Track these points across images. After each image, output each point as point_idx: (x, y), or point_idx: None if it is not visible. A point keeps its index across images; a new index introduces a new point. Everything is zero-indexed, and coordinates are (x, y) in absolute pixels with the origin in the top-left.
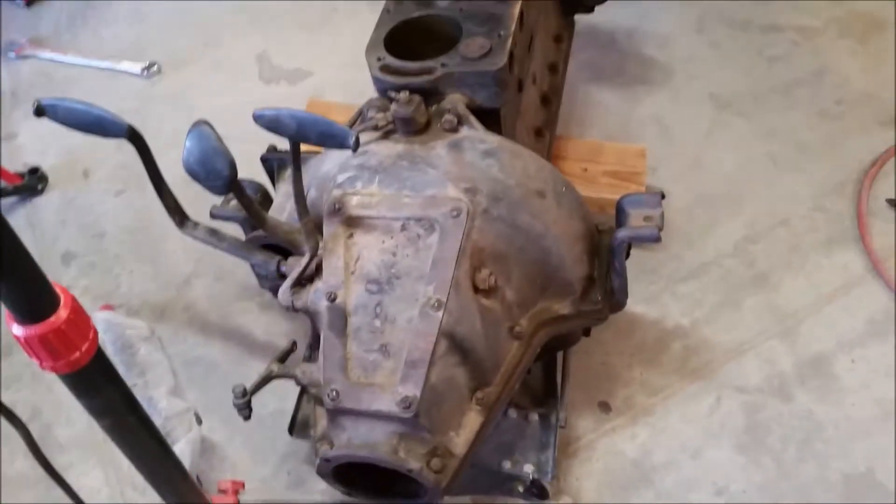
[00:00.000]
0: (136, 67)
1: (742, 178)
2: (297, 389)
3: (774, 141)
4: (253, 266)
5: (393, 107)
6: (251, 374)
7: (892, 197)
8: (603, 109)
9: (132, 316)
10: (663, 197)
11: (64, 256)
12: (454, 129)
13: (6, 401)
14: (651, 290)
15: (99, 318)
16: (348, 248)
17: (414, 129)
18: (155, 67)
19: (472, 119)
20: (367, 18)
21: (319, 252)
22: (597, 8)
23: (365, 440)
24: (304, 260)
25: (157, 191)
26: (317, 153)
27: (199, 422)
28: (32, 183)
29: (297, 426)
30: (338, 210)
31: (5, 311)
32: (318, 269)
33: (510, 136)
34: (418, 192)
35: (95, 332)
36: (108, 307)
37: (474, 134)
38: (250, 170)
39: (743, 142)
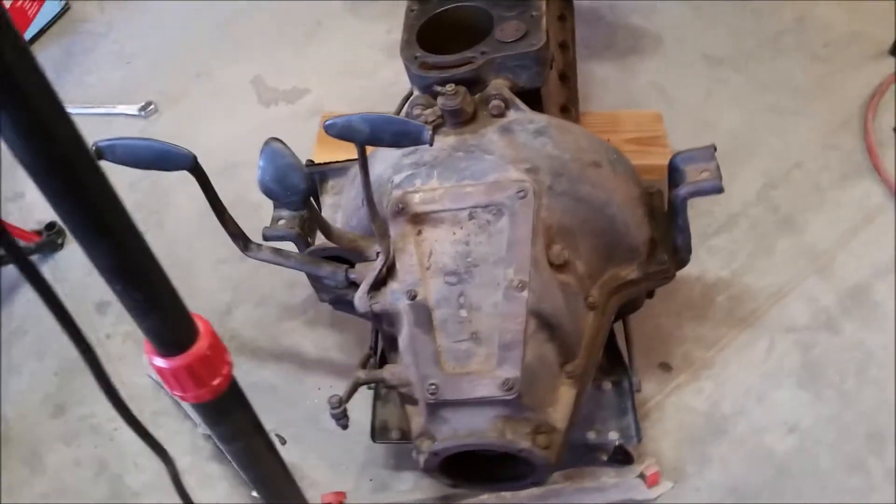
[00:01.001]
0: (132, 108)
1: (749, 131)
2: (362, 398)
3: (773, 91)
4: (313, 280)
5: (440, 100)
6: (310, 390)
7: None
8: (602, 84)
9: None
10: (715, 149)
11: (98, 306)
12: (501, 114)
13: (69, 458)
14: None
15: (148, 361)
16: (419, 245)
17: (463, 119)
18: (152, 106)
19: (518, 101)
20: (352, 26)
21: (390, 254)
22: None
23: (470, 428)
24: (379, 262)
25: (219, 219)
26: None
27: (283, 442)
28: (52, 238)
29: (378, 431)
30: (402, 210)
31: (144, 345)
32: (391, 272)
33: (550, 113)
34: (480, 180)
35: (230, 356)
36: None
37: (522, 116)
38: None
39: (743, 96)
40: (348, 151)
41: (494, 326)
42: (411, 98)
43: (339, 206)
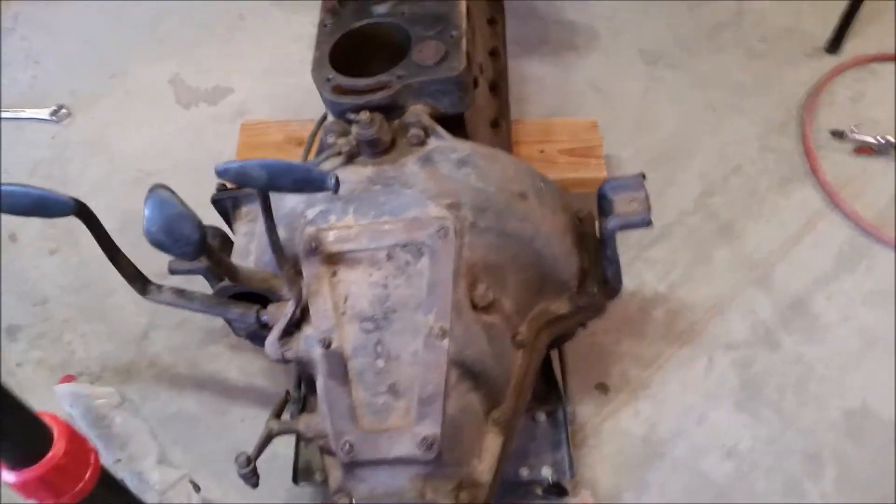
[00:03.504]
0: (42, 113)
1: (686, 131)
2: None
3: (710, 88)
4: (228, 320)
5: (354, 129)
6: (234, 422)
7: (834, 128)
8: (537, 83)
9: (96, 383)
10: (644, 178)
11: (8, 330)
12: (422, 142)
13: None
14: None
15: (63, 393)
16: (334, 288)
17: (380, 149)
18: (64, 110)
19: (439, 129)
20: (277, 19)
21: (303, 296)
22: None
23: (388, 489)
24: (289, 308)
25: (112, 262)
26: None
27: (198, 489)
28: None
29: (301, 473)
30: (315, 249)
31: None
32: (305, 314)
33: (476, 137)
34: (398, 216)
35: (96, 454)
36: (69, 378)
37: (444, 144)
38: (193, 202)
39: (680, 94)
40: None
41: (414, 377)
42: (325, 124)
43: (254, 236)
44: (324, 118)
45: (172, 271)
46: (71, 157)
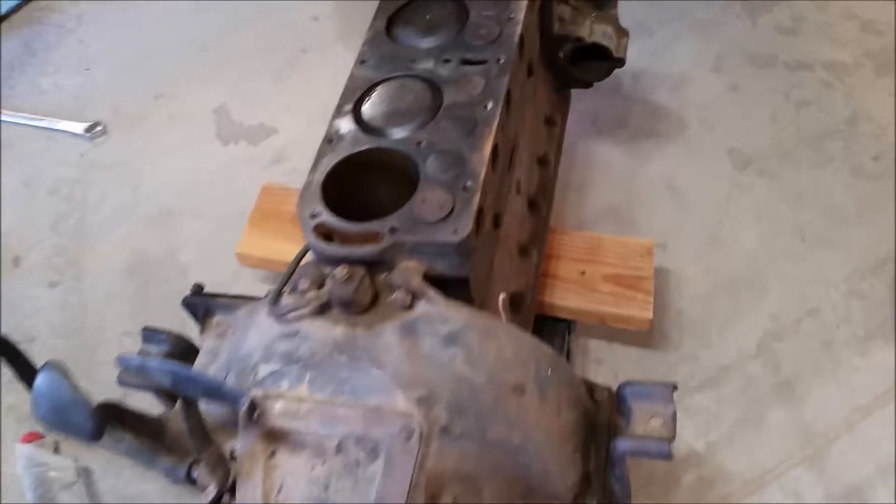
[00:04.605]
0: (77, 127)
1: (766, 255)
2: None
3: (803, 208)
4: None
5: (329, 283)
6: None
7: None
8: (604, 169)
9: (61, 445)
10: (675, 389)
11: None
12: (408, 307)
13: None
14: None
15: (20, 453)
16: (268, 473)
17: (356, 310)
18: (99, 128)
19: (431, 292)
20: (341, 58)
21: (231, 476)
22: None
23: None
24: (209, 493)
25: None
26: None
27: None
28: None
29: None
30: (257, 418)
31: None
32: (234, 492)
33: (484, 298)
34: (359, 400)
35: None
36: (33, 435)
37: (433, 311)
38: (200, 251)
39: (767, 210)
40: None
41: None
42: (302, 264)
43: (216, 357)
44: (305, 251)
45: (122, 382)
46: (95, 180)
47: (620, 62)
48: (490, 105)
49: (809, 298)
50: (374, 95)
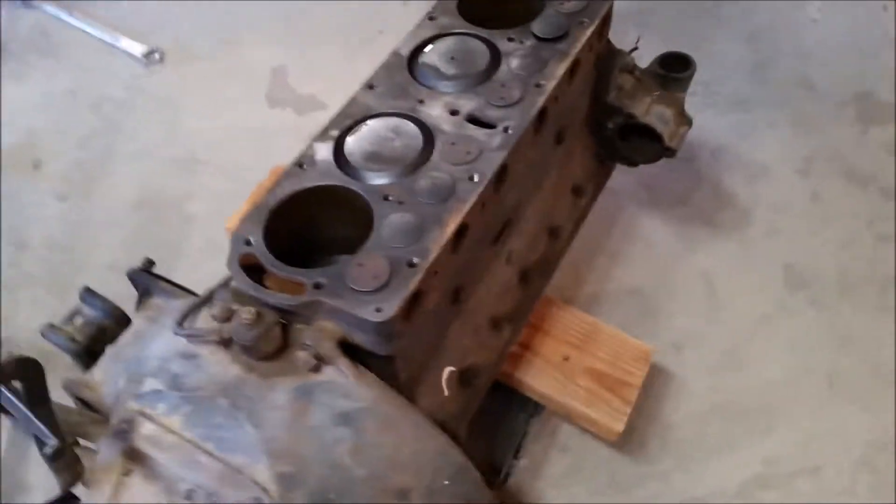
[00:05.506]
0: (137, 49)
1: (785, 392)
2: None
3: (845, 352)
4: None
5: (233, 323)
6: None
7: None
8: (644, 245)
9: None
10: None
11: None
12: (315, 369)
13: None
14: None
15: None
16: (118, 491)
17: (256, 356)
18: (157, 55)
19: (341, 361)
20: None
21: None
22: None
23: None
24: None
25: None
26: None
27: None
28: None
29: None
30: (123, 433)
31: None
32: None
33: (421, 369)
34: (223, 454)
35: None
36: None
37: (339, 382)
38: (209, 206)
39: (805, 342)
40: None
41: None
42: (217, 292)
43: (139, 338)
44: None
45: (43, 335)
46: (136, 107)
47: (671, 152)
48: (476, 178)
49: (815, 454)
50: (365, 129)
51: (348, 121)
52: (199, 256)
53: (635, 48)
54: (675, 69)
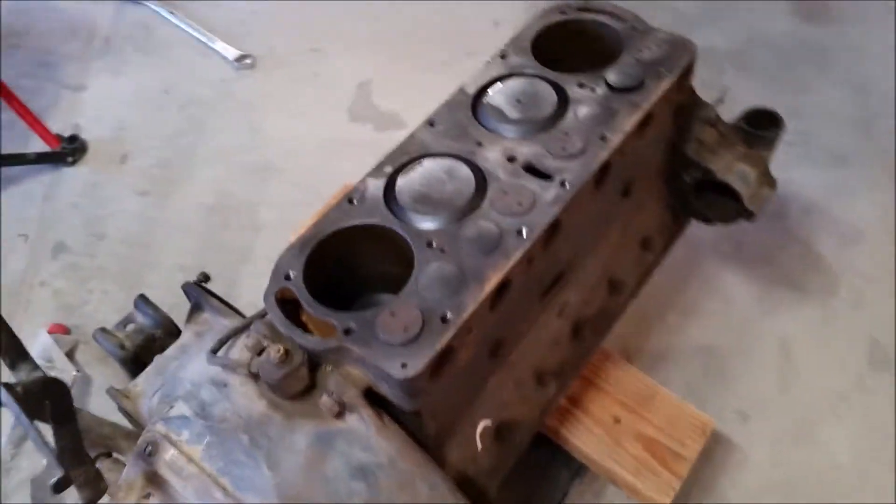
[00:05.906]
0: (230, 52)
1: (851, 477)
2: None
3: None
4: None
5: (262, 358)
6: None
7: None
8: (722, 303)
9: (78, 345)
10: None
11: (56, 247)
12: (338, 415)
13: None
14: None
15: (40, 341)
16: None
17: (282, 395)
18: (249, 60)
19: (365, 411)
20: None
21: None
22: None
23: None
24: None
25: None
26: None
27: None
28: (64, 152)
29: None
30: (148, 455)
31: None
32: None
33: (453, 422)
34: (237, 491)
35: None
36: (59, 328)
37: (361, 431)
38: (279, 215)
39: (882, 426)
40: None
41: None
42: (255, 322)
43: (185, 351)
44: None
45: (95, 338)
46: (221, 110)
47: (750, 215)
48: (524, 233)
49: None
50: (419, 169)
51: (404, 157)
52: (264, 265)
53: (721, 100)
54: (762, 126)
